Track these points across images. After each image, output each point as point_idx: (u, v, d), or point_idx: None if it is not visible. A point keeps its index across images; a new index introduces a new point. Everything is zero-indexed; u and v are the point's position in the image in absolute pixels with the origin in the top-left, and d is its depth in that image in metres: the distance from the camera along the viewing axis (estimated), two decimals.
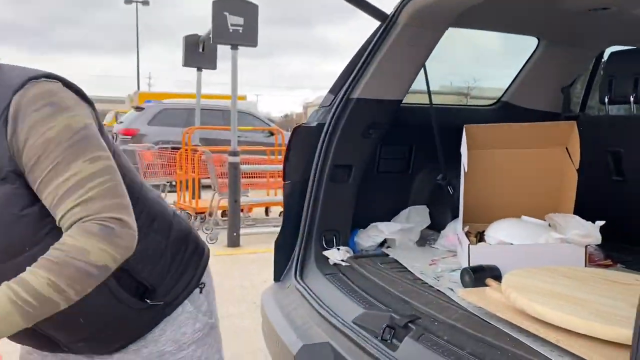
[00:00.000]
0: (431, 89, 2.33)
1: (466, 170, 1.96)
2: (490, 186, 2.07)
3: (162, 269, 1.12)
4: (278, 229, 2.16)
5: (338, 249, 2.09)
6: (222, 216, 6.57)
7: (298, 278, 1.95)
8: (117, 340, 1.13)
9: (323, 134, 2.10)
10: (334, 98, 2.14)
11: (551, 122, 2.27)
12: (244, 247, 5.79)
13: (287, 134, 6.67)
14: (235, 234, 5.84)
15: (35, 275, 0.88)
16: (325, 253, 2.05)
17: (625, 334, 1.08)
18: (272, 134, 10.90)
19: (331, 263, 2.02)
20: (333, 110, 2.10)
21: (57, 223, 0.93)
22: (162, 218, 1.15)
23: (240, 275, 4.58)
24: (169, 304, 1.13)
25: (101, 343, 1.13)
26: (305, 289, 1.84)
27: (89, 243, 0.90)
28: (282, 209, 7.01)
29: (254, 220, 7.00)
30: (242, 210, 6.28)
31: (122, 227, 0.93)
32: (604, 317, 1.19)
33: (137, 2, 27.06)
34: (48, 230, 0.95)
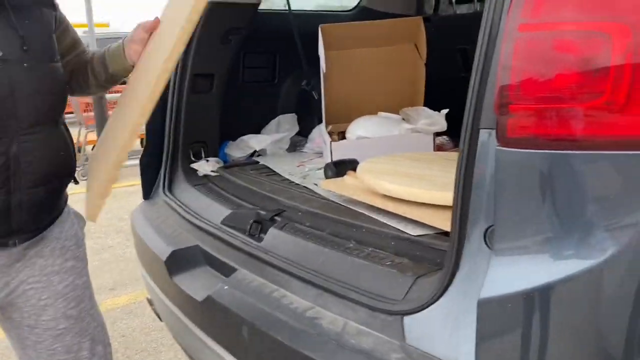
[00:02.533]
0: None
1: (325, 71, 2.00)
2: (348, 86, 2.14)
3: (74, 158, 1.31)
4: None
5: (207, 161, 2.07)
6: (92, 150, 6.20)
7: (166, 192, 1.92)
8: (54, 205, 1.28)
9: None
10: None
11: (400, 18, 2.35)
12: (122, 180, 5.56)
13: None
14: None
15: None
16: (193, 165, 2.02)
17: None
18: None
19: (200, 175, 2.01)
20: None
21: None
22: None
23: (117, 207, 4.42)
24: (66, 198, 1.34)
25: (49, 198, 1.24)
26: (174, 201, 1.82)
27: None
28: None
29: (131, 152, 6.69)
30: None
31: None
32: (442, 186, 1.31)
33: None
34: None
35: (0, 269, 1.21)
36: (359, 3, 2.74)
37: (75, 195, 1.43)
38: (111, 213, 4.26)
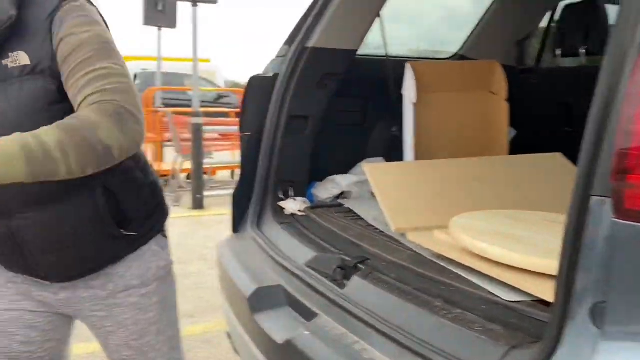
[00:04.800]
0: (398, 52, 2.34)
1: (414, 101, 1.98)
2: (434, 129, 2.10)
3: (140, 205, 1.20)
4: None
5: (294, 200, 2.10)
6: (187, 179, 6.52)
7: (254, 228, 1.96)
8: (86, 262, 1.18)
9: (278, 84, 2.08)
10: (289, 48, 2.11)
11: (477, 61, 2.32)
12: (208, 209, 5.78)
13: None
14: (199, 196, 5.81)
15: (47, 132, 0.91)
16: (281, 204, 2.06)
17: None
18: (220, 96, 10.93)
19: (287, 213, 2.03)
20: (288, 60, 2.08)
21: (75, 109, 0.99)
22: (142, 161, 1.24)
23: (203, 236, 4.58)
24: (137, 240, 1.21)
25: (70, 259, 1.16)
26: (261, 237, 1.85)
27: (101, 120, 0.95)
28: None
29: (219, 182, 6.97)
30: (205, 173, 6.23)
31: (135, 123, 0.99)
32: (543, 253, 1.23)
33: None
34: None
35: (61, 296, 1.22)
36: (457, 52, 2.72)
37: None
38: (196, 240, 4.42)
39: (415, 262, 1.43)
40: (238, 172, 7.89)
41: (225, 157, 7.17)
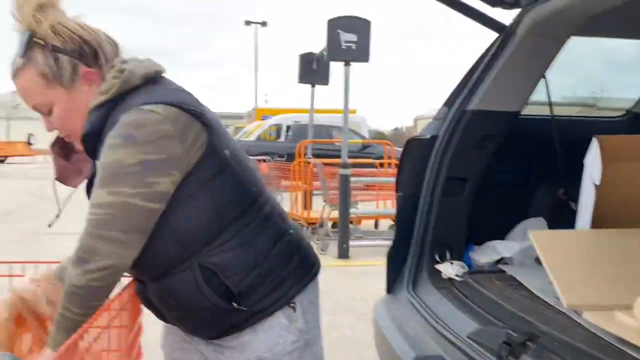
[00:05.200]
0: (554, 99, 2.24)
1: (598, 183, 1.85)
2: (619, 201, 1.93)
3: (255, 280, 1.18)
4: (387, 242, 2.19)
5: (451, 264, 2.06)
6: (332, 227, 6.71)
7: (411, 290, 1.96)
8: (207, 329, 1.25)
9: (436, 146, 2.09)
10: (448, 110, 2.13)
11: None
12: (353, 259, 5.87)
13: (398, 149, 6.67)
14: (345, 246, 5.93)
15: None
16: (438, 267, 2.04)
17: None
18: (365, 147, 11.27)
19: (444, 277, 2.00)
20: (447, 122, 2.10)
21: None
22: (271, 232, 1.23)
23: (350, 286, 4.64)
24: (257, 313, 1.20)
25: (193, 326, 1.27)
26: (418, 302, 1.84)
27: (72, 268, 1.12)
28: (391, 222, 7.02)
29: (364, 232, 7.06)
30: (351, 222, 6.36)
31: (93, 256, 1.10)
32: None
33: (256, 23, 28.69)
34: None
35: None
36: (630, 109, 2.52)
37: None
38: (344, 291, 4.49)
39: (594, 346, 1.32)
40: (382, 222, 7.87)
41: (370, 207, 7.28)
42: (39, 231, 6.59)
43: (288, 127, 13.76)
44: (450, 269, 2.01)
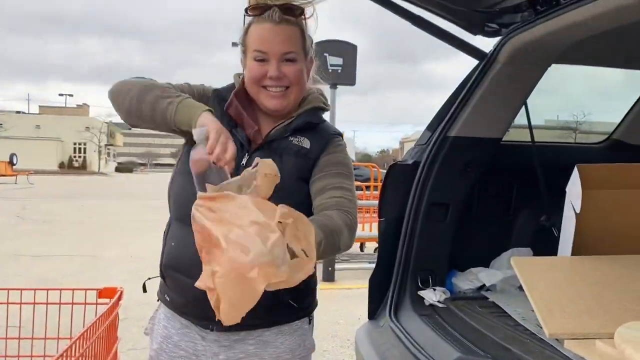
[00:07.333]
0: (536, 124, 2.26)
1: (578, 211, 1.86)
2: (599, 228, 1.94)
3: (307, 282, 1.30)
4: (372, 265, 2.17)
5: (434, 290, 2.05)
6: None
7: (392, 317, 1.93)
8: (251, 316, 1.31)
9: (419, 172, 2.09)
10: (431, 136, 2.14)
11: None
12: (339, 282, 5.82)
13: (384, 172, 6.67)
14: (330, 269, 5.89)
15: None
16: (421, 293, 2.02)
17: None
18: None
19: (426, 304, 1.98)
20: (429, 148, 2.10)
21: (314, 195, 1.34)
22: None
23: (335, 311, 4.59)
24: (296, 312, 1.37)
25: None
26: (400, 329, 1.82)
27: (343, 229, 1.25)
28: (377, 245, 6.98)
29: (349, 255, 7.02)
30: None
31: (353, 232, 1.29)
32: None
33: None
34: None
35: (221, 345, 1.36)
36: (610, 135, 2.55)
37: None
38: (328, 315, 4.44)
39: None
40: (368, 244, 7.83)
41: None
42: (19, 252, 6.46)
43: None
44: (432, 295, 2.00)
